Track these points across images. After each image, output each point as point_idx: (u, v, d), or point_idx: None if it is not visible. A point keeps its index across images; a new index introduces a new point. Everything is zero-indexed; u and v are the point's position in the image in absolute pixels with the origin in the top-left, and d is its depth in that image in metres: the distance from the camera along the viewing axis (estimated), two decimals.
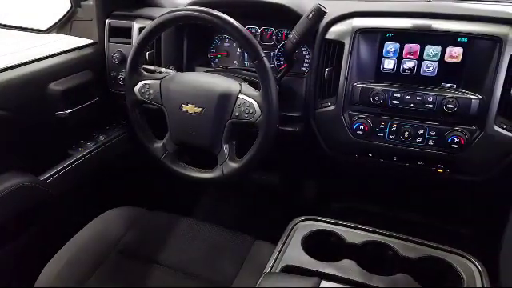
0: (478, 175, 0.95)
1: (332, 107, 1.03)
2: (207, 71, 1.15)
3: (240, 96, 0.92)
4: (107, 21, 1.26)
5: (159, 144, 1.03)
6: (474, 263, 0.77)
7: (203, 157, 1.02)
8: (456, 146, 0.91)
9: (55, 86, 1.11)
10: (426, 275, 0.77)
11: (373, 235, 0.84)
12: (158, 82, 0.99)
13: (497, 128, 0.89)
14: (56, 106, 1.12)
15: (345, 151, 1.07)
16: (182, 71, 1.17)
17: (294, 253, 0.81)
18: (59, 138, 1.18)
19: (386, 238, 0.84)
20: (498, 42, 0.86)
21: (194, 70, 1.22)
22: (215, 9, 0.88)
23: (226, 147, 0.96)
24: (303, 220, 0.90)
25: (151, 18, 1.14)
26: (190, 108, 0.95)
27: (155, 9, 1.25)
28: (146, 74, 1.01)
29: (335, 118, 1.03)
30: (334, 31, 1.00)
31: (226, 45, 1.24)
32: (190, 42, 1.22)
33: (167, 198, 1.47)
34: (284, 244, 0.84)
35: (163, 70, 1.09)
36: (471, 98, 0.89)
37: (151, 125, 1.05)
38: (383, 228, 0.87)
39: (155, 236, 1.04)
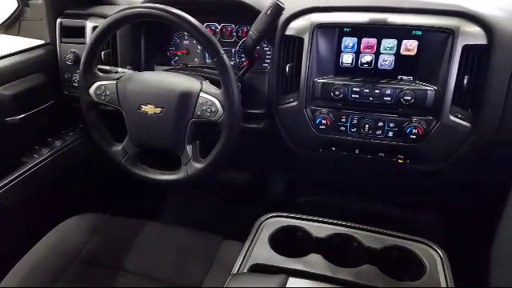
0: (436, 164, 0.98)
1: (294, 103, 1.03)
2: (167, 70, 1.13)
3: (201, 95, 0.90)
4: (58, 20, 1.20)
5: (118, 147, 0.99)
6: (435, 250, 0.80)
7: (169, 158, 0.99)
8: (414, 137, 0.94)
9: (4, 91, 1.05)
10: (390, 264, 0.79)
11: (338, 228, 0.86)
12: (115, 82, 0.95)
13: (452, 118, 0.92)
14: (6, 112, 1.05)
15: (309, 146, 1.08)
16: (140, 71, 1.13)
17: (261, 251, 0.80)
18: (11, 146, 1.12)
19: (351, 230, 0.85)
20: (450, 34, 0.89)
21: (152, 69, 1.19)
22: (172, 6, 0.86)
23: (189, 148, 0.94)
24: (270, 217, 0.90)
25: (105, 17, 1.09)
26: (150, 109, 0.92)
27: (109, 7, 1.20)
28: (101, 74, 0.97)
29: (298, 114, 1.03)
30: (293, 27, 1.00)
31: (186, 42, 1.21)
32: (147, 40, 1.18)
33: (131, 202, 1.43)
34: (251, 242, 0.83)
35: (120, 69, 1.05)
36: (427, 90, 0.92)
37: (110, 127, 1.01)
38: (349, 219, 0.89)
39: (119, 242, 1.01)
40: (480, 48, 0.88)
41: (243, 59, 1.16)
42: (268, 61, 1.13)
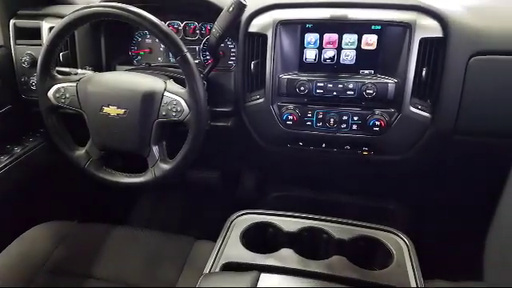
0: (399, 154, 1.01)
1: (261, 100, 1.03)
2: (129, 70, 1.10)
3: (166, 94, 0.89)
4: (12, 21, 1.14)
5: (82, 151, 0.96)
6: (401, 238, 0.83)
7: (137, 160, 0.97)
8: (377, 129, 0.97)
9: None
10: (359, 254, 0.81)
11: (308, 221, 0.87)
12: (75, 84, 0.92)
13: (412, 109, 0.95)
14: None
15: (277, 142, 1.08)
16: (101, 71, 1.10)
17: (233, 249, 0.81)
18: None
19: (321, 222, 0.87)
20: (407, 27, 0.92)
21: (114, 70, 1.16)
22: (132, 4, 0.84)
23: (155, 149, 0.92)
24: (241, 215, 0.90)
25: (62, 16, 1.05)
26: (112, 110, 0.90)
27: (66, 6, 1.16)
28: (60, 76, 0.94)
29: (265, 111, 1.03)
30: (256, 24, 1.00)
31: (148, 41, 1.19)
32: (108, 40, 1.15)
33: (99, 208, 1.39)
34: (223, 241, 0.83)
35: (79, 71, 1.02)
36: (388, 83, 0.94)
37: (71, 131, 0.98)
38: (319, 212, 0.90)
39: (88, 249, 0.98)
40: (436, 41, 0.91)
41: (208, 57, 1.15)
42: (233, 58, 1.13)
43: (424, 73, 0.92)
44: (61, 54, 1.07)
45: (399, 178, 1.22)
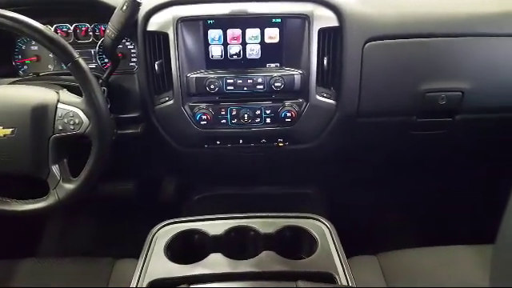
0: (311, 142, 1.05)
1: (171, 101, 0.99)
2: (14, 82, 0.97)
3: (60, 106, 0.80)
4: None
5: None
6: (323, 223, 0.86)
7: (37, 184, 0.86)
8: (289, 120, 0.99)
9: None
10: (286, 245, 0.82)
11: (234, 221, 0.85)
12: None
13: (318, 97, 0.98)
14: None
15: (193, 143, 1.05)
16: None
17: (158, 264, 0.76)
18: None
19: (246, 220, 0.86)
20: (306, 19, 0.94)
21: None
22: (6, 8, 0.73)
23: (55, 168, 0.83)
24: (163, 226, 0.85)
25: None
26: None
27: None
28: None
29: (176, 112, 0.99)
30: (155, 22, 0.95)
31: (34, 48, 1.06)
32: None
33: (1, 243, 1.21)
34: (146, 257, 0.78)
35: None
36: (294, 74, 0.96)
37: None
38: (246, 208, 0.90)
39: None
40: (333, 30, 0.96)
41: (106, 60, 1.06)
42: (134, 60, 1.05)
43: (325, 62, 0.96)
44: None
45: (315, 163, 1.27)
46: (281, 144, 1.04)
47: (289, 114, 0.98)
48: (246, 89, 0.97)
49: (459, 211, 1.47)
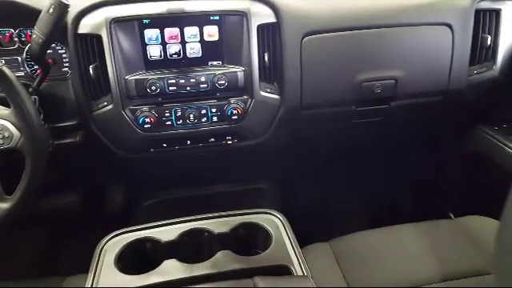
0: (260, 137, 1.06)
1: (110, 106, 0.94)
2: None
3: None
4: None
5: None
6: (276, 216, 0.87)
7: None
8: (236, 117, 0.99)
9: None
10: (242, 242, 0.82)
11: (186, 224, 0.84)
12: None
13: (263, 93, 0.99)
14: None
15: (138, 148, 1.01)
16: None
17: (109, 278, 0.73)
18: None
19: (199, 222, 0.85)
20: (244, 16, 0.94)
21: None
22: None
23: None
24: (112, 237, 0.81)
25: None
26: None
27: None
28: None
29: (117, 117, 0.95)
30: (86, 24, 0.90)
31: None
32: None
33: None
34: (95, 272, 0.74)
35: None
36: (236, 72, 0.96)
37: None
38: (198, 209, 0.88)
39: None
40: (271, 26, 0.97)
41: (35, 67, 0.99)
42: (67, 65, 0.99)
43: (266, 58, 0.97)
44: None
45: (264, 158, 1.28)
46: (230, 142, 1.03)
47: (235, 112, 0.98)
48: (189, 88, 0.95)
49: (402, 192, 1.57)
